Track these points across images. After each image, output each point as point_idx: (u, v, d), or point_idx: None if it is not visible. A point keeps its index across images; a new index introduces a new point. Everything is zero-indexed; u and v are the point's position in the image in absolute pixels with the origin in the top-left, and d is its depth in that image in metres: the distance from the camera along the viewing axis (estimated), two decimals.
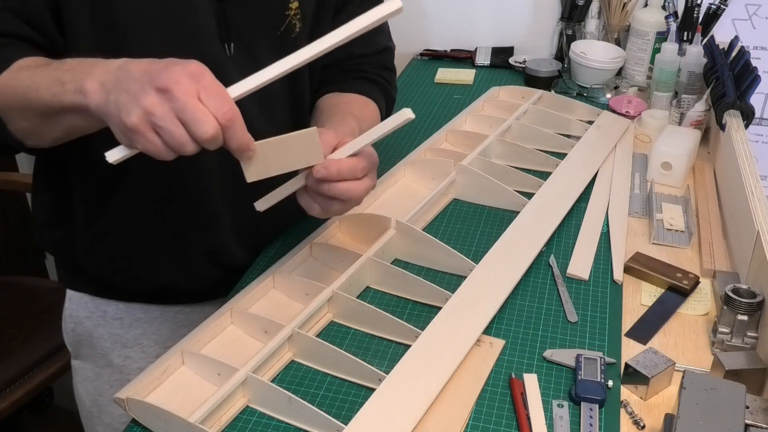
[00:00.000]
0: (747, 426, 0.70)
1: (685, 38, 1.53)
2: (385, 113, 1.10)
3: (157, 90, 0.66)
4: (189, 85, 0.67)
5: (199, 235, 1.00)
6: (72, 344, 1.14)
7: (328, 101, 1.05)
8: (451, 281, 0.98)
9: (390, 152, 1.29)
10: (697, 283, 0.99)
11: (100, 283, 1.06)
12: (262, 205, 0.84)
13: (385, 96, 1.10)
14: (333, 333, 0.90)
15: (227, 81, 0.94)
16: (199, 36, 0.89)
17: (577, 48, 1.59)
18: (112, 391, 0.81)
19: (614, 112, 1.43)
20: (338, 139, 0.82)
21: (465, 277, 0.95)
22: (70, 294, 1.10)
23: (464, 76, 1.67)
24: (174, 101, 0.66)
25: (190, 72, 0.68)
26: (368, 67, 1.10)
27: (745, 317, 0.85)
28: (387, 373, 0.80)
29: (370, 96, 1.06)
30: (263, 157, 0.77)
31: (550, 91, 1.54)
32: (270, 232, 1.08)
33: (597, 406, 0.79)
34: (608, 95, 1.52)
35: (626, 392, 0.82)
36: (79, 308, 1.09)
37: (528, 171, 1.21)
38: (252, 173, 0.77)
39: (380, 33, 1.12)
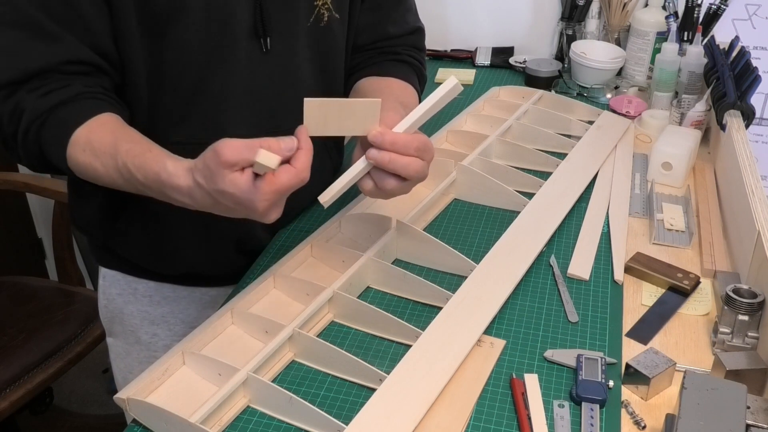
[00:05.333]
0: (748, 426, 0.70)
1: (685, 38, 1.53)
2: (420, 93, 1.13)
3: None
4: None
5: (229, 223, 1.02)
6: (106, 321, 1.18)
7: (370, 85, 1.07)
8: (452, 281, 0.98)
9: None
10: (698, 283, 0.99)
11: (130, 263, 1.09)
12: (325, 197, 0.83)
13: (418, 76, 1.14)
14: (334, 333, 0.90)
15: (262, 77, 0.97)
16: (235, 35, 0.92)
17: (578, 48, 1.59)
18: (141, 368, 0.85)
19: (614, 112, 1.43)
20: (399, 121, 0.85)
21: (465, 277, 0.95)
22: (104, 272, 1.14)
23: (464, 76, 1.67)
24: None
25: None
26: (401, 49, 1.12)
27: (745, 317, 0.85)
28: (388, 373, 0.80)
29: (407, 79, 1.09)
30: (324, 115, 0.78)
31: (550, 91, 1.54)
32: (291, 214, 1.11)
33: (598, 406, 0.79)
34: (608, 95, 1.52)
35: (627, 392, 0.82)
36: (111, 285, 1.13)
37: (528, 171, 1.21)
38: (310, 129, 0.78)
39: (410, 12, 1.15)
